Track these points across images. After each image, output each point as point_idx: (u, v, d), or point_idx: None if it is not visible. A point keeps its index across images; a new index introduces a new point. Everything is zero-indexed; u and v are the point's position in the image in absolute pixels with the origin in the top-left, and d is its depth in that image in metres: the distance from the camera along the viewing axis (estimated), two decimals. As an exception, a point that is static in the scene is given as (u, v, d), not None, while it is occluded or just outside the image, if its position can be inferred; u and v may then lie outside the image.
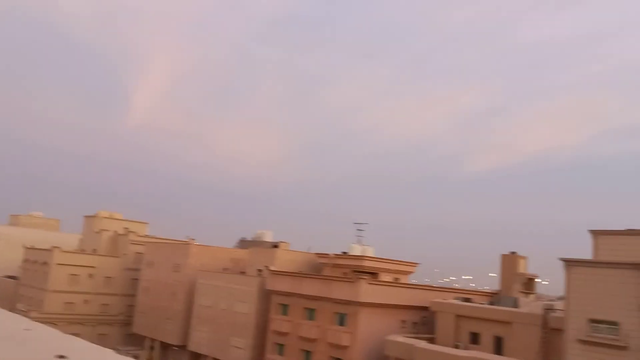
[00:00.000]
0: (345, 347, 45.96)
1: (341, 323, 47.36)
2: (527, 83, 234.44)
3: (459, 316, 43.95)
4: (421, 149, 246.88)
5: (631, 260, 32.57)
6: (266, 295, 55.10)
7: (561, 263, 34.42)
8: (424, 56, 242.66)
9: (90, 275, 74.40)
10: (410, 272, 63.00)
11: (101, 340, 70.29)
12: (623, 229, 36.52)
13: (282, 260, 61.60)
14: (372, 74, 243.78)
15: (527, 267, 54.10)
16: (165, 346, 68.06)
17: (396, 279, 59.29)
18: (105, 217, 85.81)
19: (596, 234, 36.61)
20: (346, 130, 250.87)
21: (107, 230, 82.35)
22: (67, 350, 2.71)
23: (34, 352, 2.73)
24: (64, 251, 74.63)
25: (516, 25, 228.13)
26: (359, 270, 55.48)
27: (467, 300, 47.49)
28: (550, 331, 38.34)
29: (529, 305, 42.60)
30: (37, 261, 75.50)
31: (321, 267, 62.15)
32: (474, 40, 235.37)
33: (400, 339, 42.58)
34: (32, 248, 79.47)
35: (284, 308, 52.83)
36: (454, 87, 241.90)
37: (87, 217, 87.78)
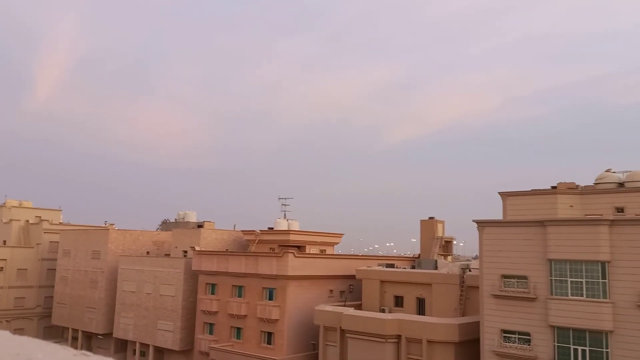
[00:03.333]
0: (275, 321, 46.48)
1: (270, 297, 47.75)
2: (440, 55, 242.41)
3: (383, 282, 45.57)
4: (343, 121, 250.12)
5: (536, 218, 35.04)
6: (193, 276, 54.37)
7: (474, 224, 36.43)
8: (342, 31, 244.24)
9: (1, 269, 69.97)
10: (335, 243, 64.34)
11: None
12: (528, 189, 39.14)
13: (207, 240, 60.88)
14: (291, 49, 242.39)
15: (444, 231, 56.87)
16: (89, 336, 65.72)
17: (322, 250, 60.37)
18: (15, 206, 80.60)
19: (505, 195, 39.02)
20: (268, 105, 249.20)
21: (17, 220, 77.42)
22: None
23: None
24: (-31, 245, 69.58)
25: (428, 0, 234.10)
26: (285, 245, 55.91)
27: (391, 265, 49.28)
28: (467, 289, 40.74)
29: (447, 267, 44.88)
30: (-62, 258, 69.88)
31: (248, 244, 62.04)
32: (389, 15, 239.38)
33: (329, 307, 43.62)
34: None
35: (212, 287, 52.43)
36: (372, 61, 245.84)
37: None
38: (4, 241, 75.61)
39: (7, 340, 2.54)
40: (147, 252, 66.08)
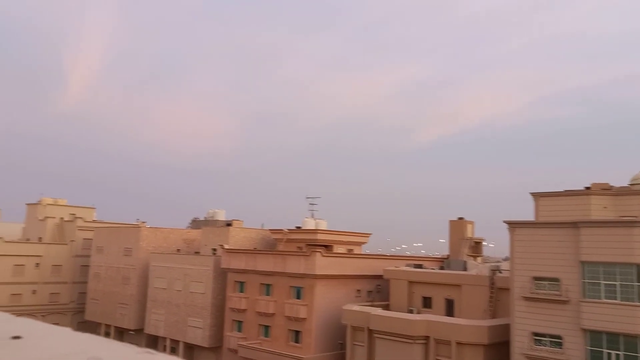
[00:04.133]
0: (302, 319, 46.72)
1: (298, 296, 48.01)
2: (470, 54, 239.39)
3: (411, 282, 45.35)
4: (370, 120, 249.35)
5: (569, 219, 34.40)
6: (222, 274, 55.03)
7: (505, 225, 35.95)
8: (371, 29, 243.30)
9: (37, 265, 72.00)
10: (363, 243, 64.25)
11: (53, 330, 68.49)
12: (561, 190, 38.41)
13: (236, 238, 61.48)
14: (319, 47, 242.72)
15: (474, 232, 56.24)
16: (121, 331, 67.11)
17: (350, 250, 60.37)
18: (50, 204, 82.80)
19: (537, 196, 38.38)
20: (295, 104, 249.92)
21: (52, 217, 79.52)
22: (21, 332, 2.75)
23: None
24: (7, 241, 71.69)
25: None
26: (313, 244, 56.09)
27: (419, 266, 49.01)
28: (497, 290, 40.24)
29: (476, 268, 44.42)
30: (-23, 253, 72.26)
31: (275, 243, 62.46)
32: (419, 13, 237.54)
33: (356, 307, 43.65)
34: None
35: (241, 285, 52.99)
36: (401, 59, 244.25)
37: (29, 204, 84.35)
38: (39, 238, 77.76)
39: (70, 337, 2.70)
40: (178, 250, 67.12)
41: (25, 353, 2.49)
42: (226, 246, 55.88)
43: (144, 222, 69.39)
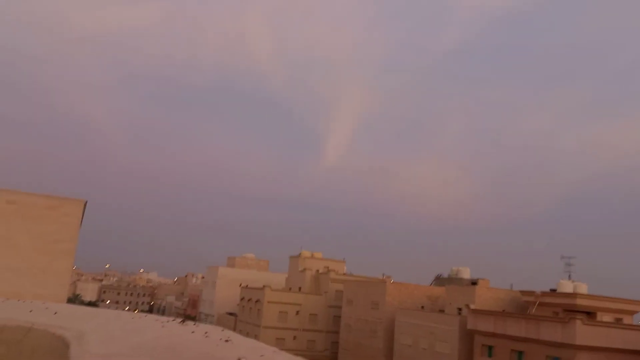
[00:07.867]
0: (562, 396, 41.52)
1: (556, 368, 43.04)
2: None
3: None
4: (633, 170, 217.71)
5: None
6: (468, 335, 52.78)
7: None
8: (628, 70, 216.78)
9: (297, 312, 79.34)
10: (635, 312, 55.05)
11: (309, 375, 73.93)
12: None
13: (482, 298, 58.76)
14: (566, 96, 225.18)
15: None
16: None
17: (618, 319, 52.26)
18: (308, 257, 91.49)
19: None
20: (543, 158, 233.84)
21: (309, 269, 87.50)
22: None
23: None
24: (274, 290, 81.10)
25: None
26: (571, 310, 50.21)
27: None
28: None
29: None
30: (251, 299, 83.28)
31: (526, 306, 57.69)
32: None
33: (631, 389, 37.13)
34: (247, 287, 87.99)
35: (489, 349, 49.93)
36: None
37: (292, 257, 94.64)
38: (299, 288, 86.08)
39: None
40: (422, 307, 67.01)
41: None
42: (472, 306, 53.69)
43: (389, 277, 71.45)
